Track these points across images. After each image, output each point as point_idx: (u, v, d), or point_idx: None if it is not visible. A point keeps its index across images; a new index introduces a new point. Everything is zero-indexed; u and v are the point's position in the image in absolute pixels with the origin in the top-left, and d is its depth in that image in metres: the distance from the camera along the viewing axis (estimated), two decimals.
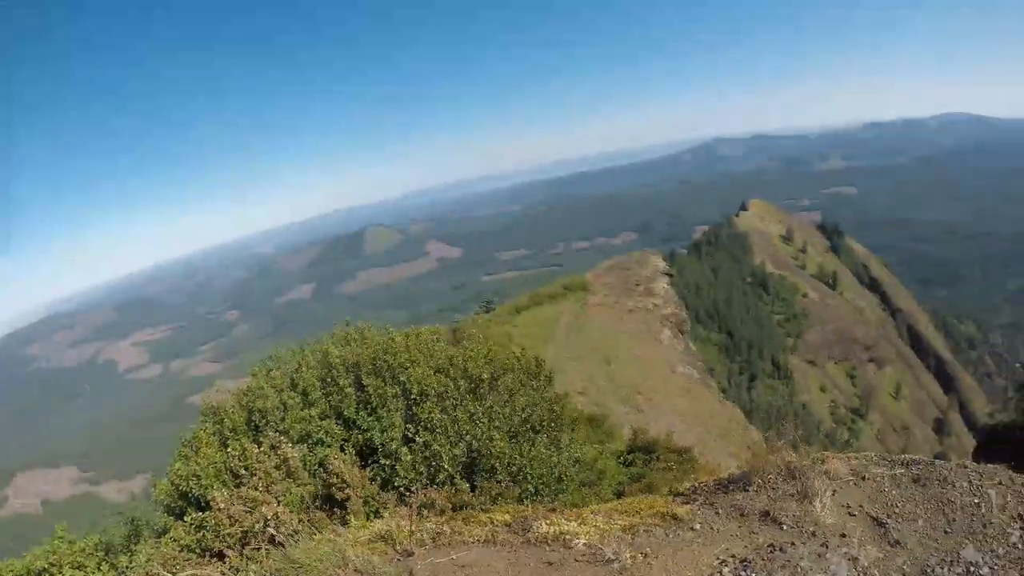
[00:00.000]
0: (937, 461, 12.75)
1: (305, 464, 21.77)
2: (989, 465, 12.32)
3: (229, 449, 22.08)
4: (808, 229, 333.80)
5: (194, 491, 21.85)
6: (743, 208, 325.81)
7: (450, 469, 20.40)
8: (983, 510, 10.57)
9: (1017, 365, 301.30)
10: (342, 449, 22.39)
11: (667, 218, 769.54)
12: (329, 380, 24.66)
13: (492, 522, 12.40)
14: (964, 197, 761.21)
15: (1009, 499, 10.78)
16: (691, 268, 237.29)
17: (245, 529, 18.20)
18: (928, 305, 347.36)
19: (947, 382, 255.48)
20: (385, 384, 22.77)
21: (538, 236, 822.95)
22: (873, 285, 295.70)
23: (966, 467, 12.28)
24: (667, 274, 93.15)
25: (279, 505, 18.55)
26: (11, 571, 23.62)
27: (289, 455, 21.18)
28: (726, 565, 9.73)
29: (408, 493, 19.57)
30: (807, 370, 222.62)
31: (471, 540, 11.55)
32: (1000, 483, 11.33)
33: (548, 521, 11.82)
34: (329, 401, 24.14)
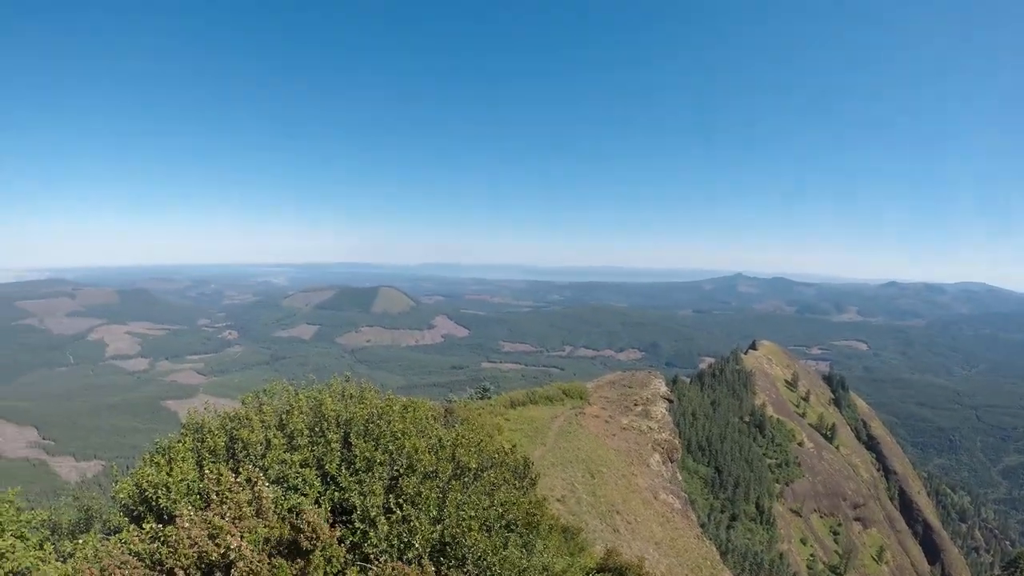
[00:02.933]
0: None
1: (276, 506, 21.40)
2: None
3: (206, 471, 21.99)
4: (814, 378, 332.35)
5: (160, 501, 21.72)
6: (752, 347, 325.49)
7: (421, 549, 19.96)
8: None
9: (1007, 544, 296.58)
10: (317, 502, 22.08)
11: (676, 343, 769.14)
12: (318, 430, 24.43)
13: None
14: (973, 365, 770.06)
15: None
16: (692, 397, 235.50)
17: (201, 556, 17.93)
18: (923, 470, 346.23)
19: (933, 551, 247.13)
20: (375, 449, 22.41)
21: (546, 335, 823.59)
22: (871, 443, 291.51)
23: None
24: (667, 399, 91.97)
25: (243, 540, 18.26)
26: None
27: (264, 493, 20.85)
28: None
29: (376, 561, 19.25)
30: (791, 519, 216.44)
31: None
32: None
33: None
34: (313, 451, 23.83)
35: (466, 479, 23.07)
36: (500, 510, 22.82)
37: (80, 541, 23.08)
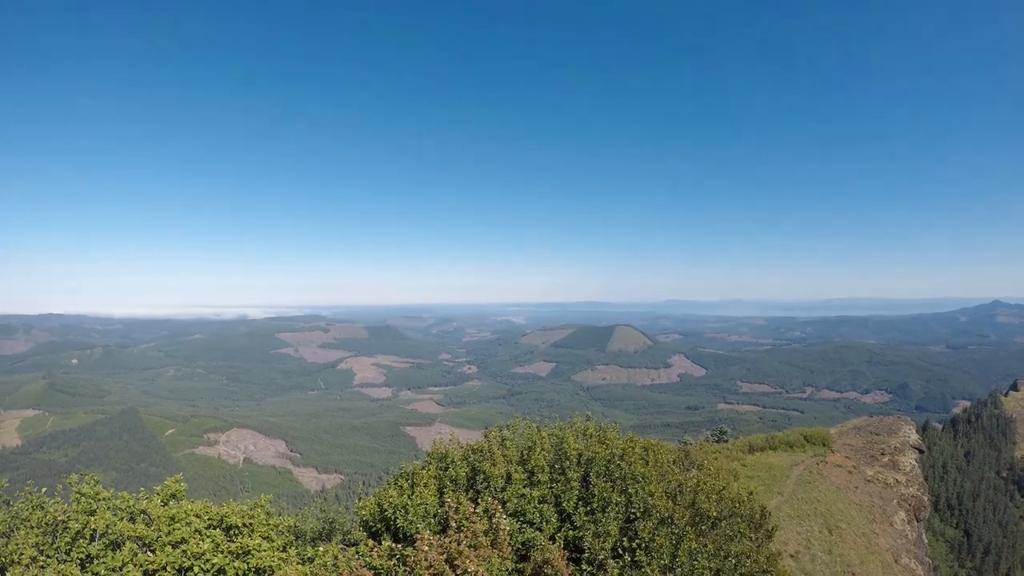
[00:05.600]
0: None
1: (511, 539, 22.33)
2: None
3: (446, 498, 23.48)
4: None
5: (399, 522, 23.45)
6: (1014, 387, 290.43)
7: None
8: None
9: None
10: (552, 539, 22.77)
11: (927, 384, 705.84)
12: (558, 468, 25.21)
13: None
14: None
15: None
16: (943, 446, 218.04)
17: None
18: None
19: None
20: (613, 490, 22.78)
21: (785, 375, 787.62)
22: None
23: None
24: (917, 448, 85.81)
25: (480, 566, 19.24)
26: (208, 514, 26.50)
27: (502, 525, 21.85)
28: None
29: None
30: None
31: None
32: None
33: None
34: (552, 488, 24.66)
35: (703, 527, 22.88)
36: (734, 561, 22.49)
37: (321, 549, 25.36)
